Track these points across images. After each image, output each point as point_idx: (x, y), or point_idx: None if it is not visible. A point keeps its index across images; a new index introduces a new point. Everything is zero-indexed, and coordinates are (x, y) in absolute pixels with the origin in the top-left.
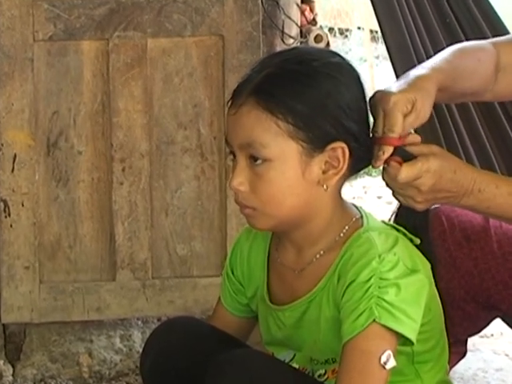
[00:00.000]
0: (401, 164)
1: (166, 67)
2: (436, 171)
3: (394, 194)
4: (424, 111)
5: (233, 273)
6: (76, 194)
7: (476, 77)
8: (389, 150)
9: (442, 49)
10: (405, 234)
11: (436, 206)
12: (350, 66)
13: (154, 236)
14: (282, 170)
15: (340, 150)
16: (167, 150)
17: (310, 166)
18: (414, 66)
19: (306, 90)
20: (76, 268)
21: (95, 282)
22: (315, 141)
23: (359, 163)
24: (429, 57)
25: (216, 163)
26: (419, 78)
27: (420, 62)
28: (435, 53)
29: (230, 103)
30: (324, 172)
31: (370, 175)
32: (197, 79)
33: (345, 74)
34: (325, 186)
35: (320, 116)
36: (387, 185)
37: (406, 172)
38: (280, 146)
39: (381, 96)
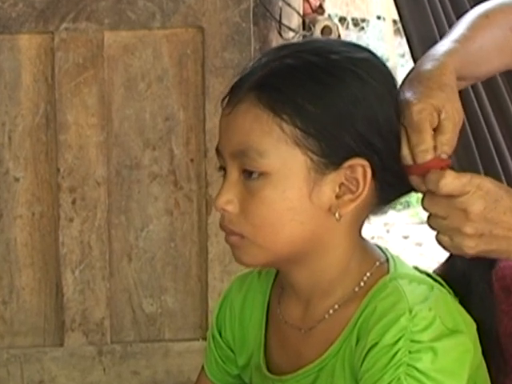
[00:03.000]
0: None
1: (128, 69)
2: (490, 192)
3: (437, 237)
4: (458, 112)
5: (220, 335)
6: (12, 233)
7: (508, 51)
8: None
9: None
10: (442, 285)
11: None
12: (382, 63)
13: (113, 288)
14: (283, 187)
15: (360, 169)
16: (130, 177)
17: (320, 186)
18: None
19: (322, 89)
20: (12, 330)
21: (37, 347)
22: (329, 153)
23: (389, 191)
24: None
25: (194, 193)
26: (435, 73)
27: None
28: None
29: (225, 102)
30: (338, 196)
31: (394, 209)
32: (169, 84)
33: (374, 73)
34: (337, 215)
35: (337, 122)
36: (429, 224)
37: (451, 177)
38: (282, 155)
39: (401, 108)
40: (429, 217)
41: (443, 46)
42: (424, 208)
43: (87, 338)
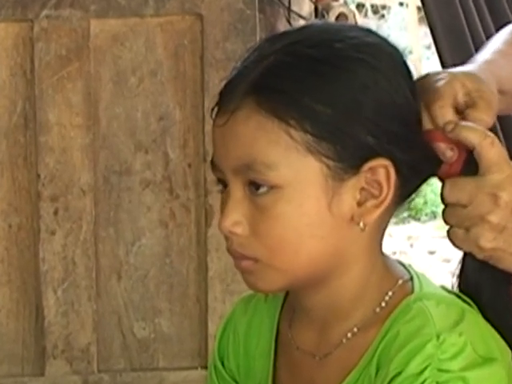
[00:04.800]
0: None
1: (117, 61)
2: None
3: (449, 232)
4: (492, 93)
5: (223, 364)
6: None
7: None
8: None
9: None
10: (471, 306)
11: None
12: (392, 47)
13: (100, 310)
14: (299, 200)
15: (382, 171)
16: (120, 184)
17: (340, 194)
18: (469, 56)
19: (329, 84)
20: None
21: (15, 377)
22: (346, 157)
23: (412, 183)
24: None
25: (192, 202)
26: (468, 70)
27: (479, 50)
28: None
29: (215, 111)
30: (359, 204)
31: (418, 220)
32: (163, 79)
33: (384, 59)
34: (361, 224)
35: (351, 119)
36: (445, 216)
37: (496, 139)
38: (294, 165)
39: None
40: (444, 209)
41: (479, 56)
42: (444, 196)
43: (71, 366)
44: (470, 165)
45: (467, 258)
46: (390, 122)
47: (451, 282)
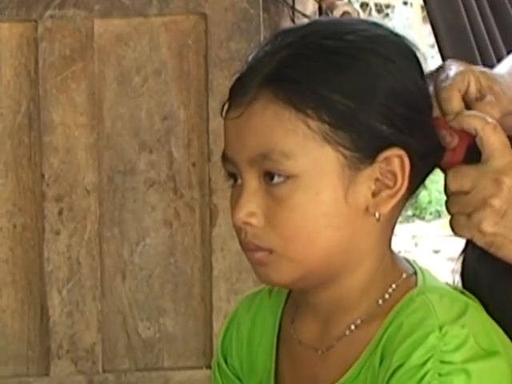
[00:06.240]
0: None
1: (121, 61)
2: None
3: (452, 221)
4: (504, 93)
5: (226, 361)
6: None
7: None
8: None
9: None
10: (475, 301)
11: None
12: (401, 38)
13: (105, 310)
14: (315, 189)
15: (397, 161)
16: (124, 184)
17: (356, 184)
18: (471, 53)
19: (344, 73)
20: None
21: (20, 377)
22: (362, 146)
23: (420, 174)
24: (493, 40)
25: (196, 202)
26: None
27: (480, 47)
28: (503, 35)
29: (227, 104)
30: (374, 194)
31: (423, 219)
32: (167, 79)
33: (395, 48)
34: (377, 215)
35: (366, 108)
36: (448, 206)
37: (500, 129)
38: (311, 154)
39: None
40: (447, 199)
41: (503, 65)
42: (447, 184)
43: (76, 366)
44: (473, 155)
45: (467, 251)
46: (404, 109)
47: (453, 278)
